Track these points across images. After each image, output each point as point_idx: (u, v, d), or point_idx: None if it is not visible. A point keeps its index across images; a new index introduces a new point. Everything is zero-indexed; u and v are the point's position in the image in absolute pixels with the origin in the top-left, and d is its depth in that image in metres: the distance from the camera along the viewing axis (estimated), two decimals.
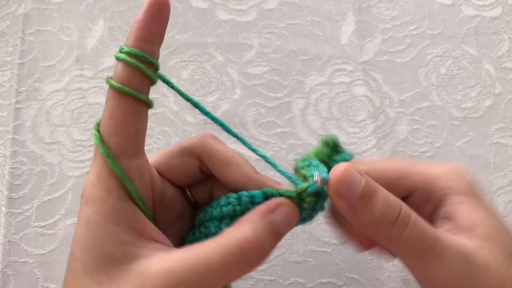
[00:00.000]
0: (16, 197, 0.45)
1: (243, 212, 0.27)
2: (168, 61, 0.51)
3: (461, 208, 0.28)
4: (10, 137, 0.47)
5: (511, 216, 0.46)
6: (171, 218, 0.30)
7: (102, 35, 0.52)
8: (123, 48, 0.26)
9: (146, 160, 0.29)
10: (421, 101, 0.50)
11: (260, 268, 0.43)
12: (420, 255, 0.26)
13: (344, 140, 0.48)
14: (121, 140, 0.26)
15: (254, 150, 0.30)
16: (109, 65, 0.51)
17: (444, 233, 0.27)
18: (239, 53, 0.52)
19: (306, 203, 0.26)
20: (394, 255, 0.29)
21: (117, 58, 0.27)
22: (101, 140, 0.26)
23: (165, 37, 0.52)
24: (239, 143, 0.31)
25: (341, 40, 0.53)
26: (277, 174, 0.30)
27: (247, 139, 0.48)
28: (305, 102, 0.50)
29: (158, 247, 0.26)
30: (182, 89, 0.39)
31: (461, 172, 0.30)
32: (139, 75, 0.27)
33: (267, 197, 0.27)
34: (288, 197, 0.26)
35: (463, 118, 0.50)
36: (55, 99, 0.49)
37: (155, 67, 0.28)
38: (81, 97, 0.50)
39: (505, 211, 0.46)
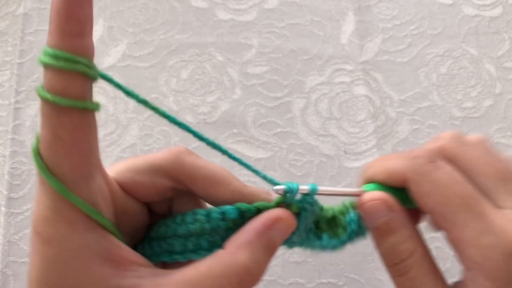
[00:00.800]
0: (15, 197, 0.45)
1: (212, 230, 0.24)
2: (168, 60, 0.51)
3: None
4: (9, 137, 0.47)
5: None
6: (131, 230, 0.27)
7: (102, 35, 0.52)
8: (49, 51, 0.20)
9: (104, 174, 0.24)
10: (422, 101, 0.50)
11: None
12: None
13: (344, 140, 0.48)
14: (74, 164, 0.21)
15: (228, 154, 0.25)
16: (108, 64, 0.51)
17: None
18: (239, 53, 0.52)
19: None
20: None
21: (44, 64, 0.21)
22: (47, 168, 0.21)
23: (165, 36, 0.52)
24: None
25: (341, 40, 0.53)
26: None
27: (247, 139, 0.48)
28: (305, 102, 0.50)
29: (141, 273, 0.23)
30: (182, 88, 0.39)
31: (503, 250, 0.23)
32: (78, 79, 0.21)
33: (241, 212, 0.24)
34: (266, 208, 0.25)
35: (464, 118, 0.49)
36: None
37: (94, 70, 0.22)
38: None
39: None
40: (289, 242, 0.27)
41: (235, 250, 0.23)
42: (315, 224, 0.28)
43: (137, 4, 0.54)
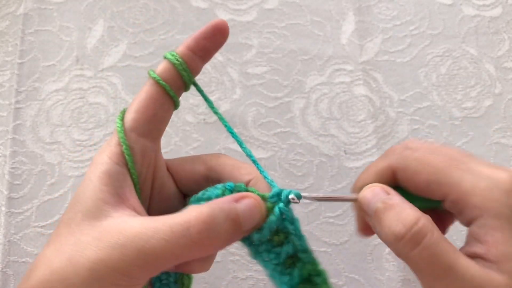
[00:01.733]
0: (16, 197, 0.45)
1: (216, 197, 0.28)
2: None
3: (493, 234, 0.25)
4: (10, 137, 0.47)
5: None
6: (164, 212, 0.30)
7: (102, 35, 0.52)
8: (175, 54, 0.30)
9: (157, 150, 0.31)
10: (421, 101, 0.50)
11: (260, 268, 0.43)
12: (432, 279, 0.24)
13: (344, 140, 0.48)
14: (137, 117, 0.29)
15: (252, 159, 0.31)
16: (109, 65, 0.51)
17: (465, 261, 0.24)
18: (239, 53, 0.52)
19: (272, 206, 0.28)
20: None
21: (164, 57, 0.30)
22: (122, 117, 0.30)
23: (165, 36, 0.52)
24: (236, 143, 0.32)
25: (341, 40, 0.53)
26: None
27: (247, 139, 0.48)
28: (305, 102, 0.50)
29: (132, 215, 0.27)
30: None
31: (501, 191, 0.25)
32: (176, 76, 0.30)
33: (232, 188, 0.28)
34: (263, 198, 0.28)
35: (463, 118, 0.50)
36: (55, 99, 0.49)
37: (190, 77, 0.31)
38: (81, 97, 0.50)
39: None
40: (248, 240, 0.28)
41: (204, 205, 0.27)
42: (305, 276, 0.28)
43: (137, 4, 0.54)
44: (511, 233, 0.24)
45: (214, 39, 0.31)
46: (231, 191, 0.28)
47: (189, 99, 0.50)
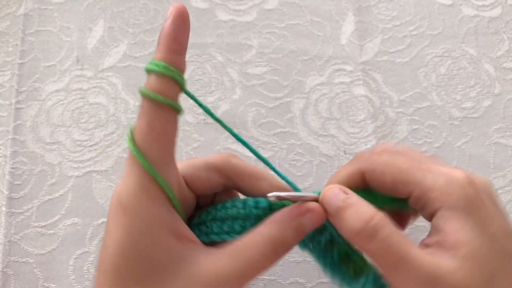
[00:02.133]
0: (16, 197, 0.45)
1: (246, 215, 0.30)
2: None
3: (449, 224, 0.27)
4: (10, 137, 0.48)
5: (511, 216, 0.46)
6: (184, 218, 0.32)
7: (102, 35, 0.52)
8: (155, 62, 0.28)
9: (177, 169, 0.30)
10: (421, 101, 0.50)
11: None
12: (387, 269, 0.27)
13: (344, 140, 0.48)
14: (160, 148, 0.27)
15: (259, 156, 0.31)
16: (109, 65, 0.51)
17: (417, 251, 0.26)
18: (239, 53, 0.52)
19: None
20: None
21: (149, 71, 0.28)
22: (139, 149, 0.27)
23: None
24: (236, 143, 0.32)
25: (341, 40, 0.53)
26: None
27: (247, 139, 0.48)
28: (305, 102, 0.50)
29: (198, 248, 0.27)
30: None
31: (465, 185, 0.27)
32: (172, 84, 0.28)
33: (271, 204, 0.30)
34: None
35: (463, 118, 0.50)
36: (55, 99, 0.49)
37: (183, 80, 0.29)
38: (81, 97, 0.50)
39: (504, 211, 0.46)
40: (314, 241, 0.31)
41: (270, 224, 0.28)
42: (343, 255, 0.31)
43: (137, 4, 0.54)
44: (465, 222, 0.26)
45: (188, 29, 0.28)
46: (256, 207, 0.30)
47: (189, 99, 0.49)
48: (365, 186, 0.31)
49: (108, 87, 0.50)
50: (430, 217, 0.29)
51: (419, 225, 0.44)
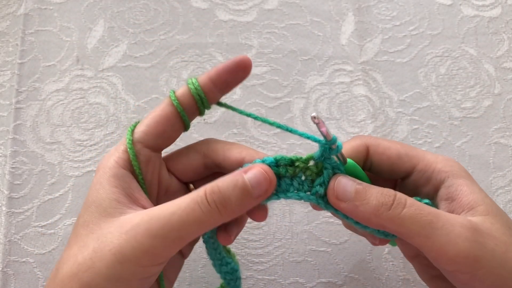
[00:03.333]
0: (16, 196, 0.45)
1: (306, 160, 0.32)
2: (168, 61, 0.51)
3: (462, 189, 0.31)
4: (10, 137, 0.48)
5: (511, 216, 0.46)
6: None
7: (103, 35, 0.52)
8: (196, 81, 0.32)
9: (160, 159, 0.34)
10: (421, 101, 0.50)
11: (260, 267, 0.43)
12: (424, 231, 0.28)
13: (344, 140, 0.48)
14: (147, 131, 0.32)
15: (276, 125, 0.33)
16: (109, 65, 0.51)
17: (445, 212, 0.29)
18: (239, 53, 0.52)
19: (284, 170, 0.31)
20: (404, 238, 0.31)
21: (187, 83, 0.33)
22: (133, 128, 0.32)
23: (165, 37, 0.52)
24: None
25: (341, 40, 0.53)
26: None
27: (247, 139, 0.48)
28: (305, 102, 0.50)
29: (146, 209, 0.30)
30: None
31: (454, 161, 0.33)
32: (191, 102, 0.32)
33: (276, 161, 0.31)
34: (298, 159, 0.31)
35: (463, 118, 0.50)
36: (55, 99, 0.50)
37: (205, 105, 0.33)
38: (81, 97, 0.50)
39: (504, 210, 0.46)
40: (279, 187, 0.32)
41: (215, 181, 0.29)
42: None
43: (137, 4, 0.54)
44: (473, 186, 0.31)
45: (235, 75, 0.32)
46: (276, 164, 0.31)
47: None
48: (367, 159, 0.34)
49: (108, 87, 0.50)
50: (435, 189, 0.32)
51: None
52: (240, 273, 0.36)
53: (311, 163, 0.32)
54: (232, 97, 0.50)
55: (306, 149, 0.48)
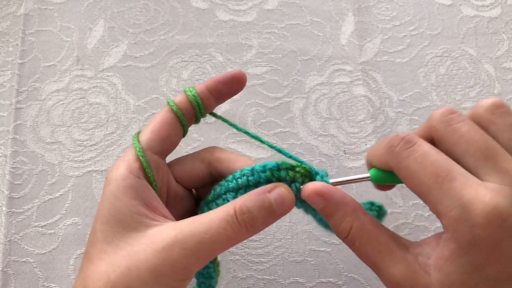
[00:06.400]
0: (16, 196, 0.45)
1: (256, 182, 0.31)
2: (168, 61, 0.52)
3: (441, 250, 0.27)
4: (10, 137, 0.48)
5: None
6: (181, 212, 0.35)
7: (103, 35, 0.53)
8: (193, 90, 0.34)
9: (166, 166, 0.34)
10: (421, 101, 0.50)
11: (260, 267, 0.43)
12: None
13: (343, 140, 0.48)
14: (152, 137, 0.33)
15: (269, 145, 0.36)
16: (109, 65, 0.51)
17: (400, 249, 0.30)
18: (239, 53, 0.52)
19: (285, 173, 0.32)
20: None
21: (184, 90, 0.34)
22: (138, 137, 0.33)
23: (165, 37, 0.53)
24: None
25: (340, 40, 0.53)
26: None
27: (247, 139, 0.48)
28: (305, 102, 0.50)
29: (168, 221, 0.31)
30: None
31: (477, 224, 0.26)
32: (189, 108, 0.34)
33: (278, 165, 0.32)
34: (294, 168, 0.32)
35: None
36: (55, 99, 0.50)
37: (201, 112, 0.34)
38: (81, 97, 0.50)
39: None
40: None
41: (237, 199, 0.30)
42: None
43: (137, 4, 0.54)
44: (456, 259, 0.27)
45: (230, 86, 0.35)
46: (264, 170, 0.32)
47: None
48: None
49: (108, 87, 0.50)
50: None
51: (419, 225, 0.44)
52: (215, 282, 0.36)
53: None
54: (233, 97, 0.50)
55: (306, 149, 0.48)
